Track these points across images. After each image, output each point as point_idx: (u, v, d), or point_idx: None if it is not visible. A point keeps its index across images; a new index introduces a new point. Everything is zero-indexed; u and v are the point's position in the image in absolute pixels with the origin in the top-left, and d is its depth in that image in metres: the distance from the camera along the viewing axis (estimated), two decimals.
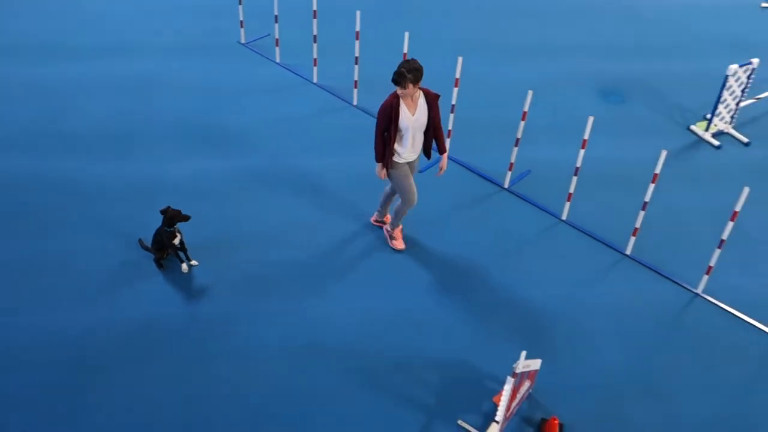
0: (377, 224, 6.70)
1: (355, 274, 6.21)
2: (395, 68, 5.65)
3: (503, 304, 6.01)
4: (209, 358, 5.45)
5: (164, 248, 6.10)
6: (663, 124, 8.40)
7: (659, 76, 9.29)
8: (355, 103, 8.35)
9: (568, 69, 9.29)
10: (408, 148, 5.87)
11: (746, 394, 5.41)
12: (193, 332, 5.63)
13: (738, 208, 5.70)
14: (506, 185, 7.24)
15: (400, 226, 6.45)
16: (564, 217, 6.90)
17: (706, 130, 8.13)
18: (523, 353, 4.45)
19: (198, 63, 8.98)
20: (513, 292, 6.12)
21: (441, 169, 6.06)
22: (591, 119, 6.26)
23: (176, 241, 6.01)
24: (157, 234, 6.07)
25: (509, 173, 7.19)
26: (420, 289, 6.10)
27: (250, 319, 5.77)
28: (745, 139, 8.12)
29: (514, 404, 4.94)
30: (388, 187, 6.41)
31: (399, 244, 6.44)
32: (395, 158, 5.90)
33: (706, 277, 6.16)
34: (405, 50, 7.37)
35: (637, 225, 6.42)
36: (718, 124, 8.18)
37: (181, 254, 6.19)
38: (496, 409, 5.12)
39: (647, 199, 6.25)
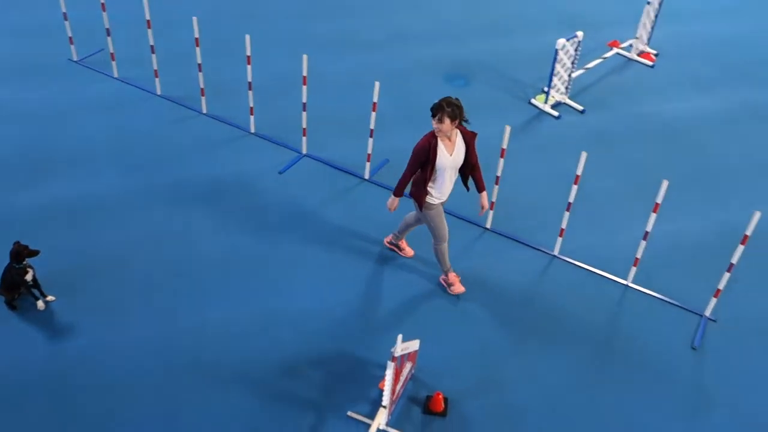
0: (390, 246, 6.57)
1: (223, 281, 6.17)
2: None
3: (379, 292, 6.19)
4: (77, 395, 5.23)
5: (15, 287, 5.76)
6: (506, 100, 8.92)
7: (498, 55, 9.84)
8: (204, 111, 8.23)
9: (414, 57, 9.63)
10: (443, 189, 5.75)
11: (608, 339, 5.92)
12: (57, 372, 5.38)
13: (579, 172, 6.20)
14: (367, 176, 7.44)
15: (452, 272, 6.20)
16: None
17: (545, 102, 8.73)
18: (400, 336, 4.63)
19: (30, 87, 8.48)
20: (385, 278, 6.32)
21: (483, 208, 5.96)
22: None
23: (28, 277, 5.70)
24: (6, 273, 5.72)
25: (368, 164, 7.40)
26: (293, 289, 6.16)
27: (120, 347, 5.58)
28: (580, 107, 8.80)
29: (398, 387, 5.12)
30: (411, 217, 6.22)
31: (458, 287, 6.20)
32: (429, 199, 5.76)
33: (560, 240, 6.66)
34: (248, 53, 7.37)
35: (493, 199, 6.82)
36: (555, 96, 8.81)
37: (35, 291, 5.87)
38: (382, 395, 5.29)
39: (499, 173, 6.65)
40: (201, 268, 6.27)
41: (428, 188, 5.68)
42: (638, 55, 9.93)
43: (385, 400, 4.87)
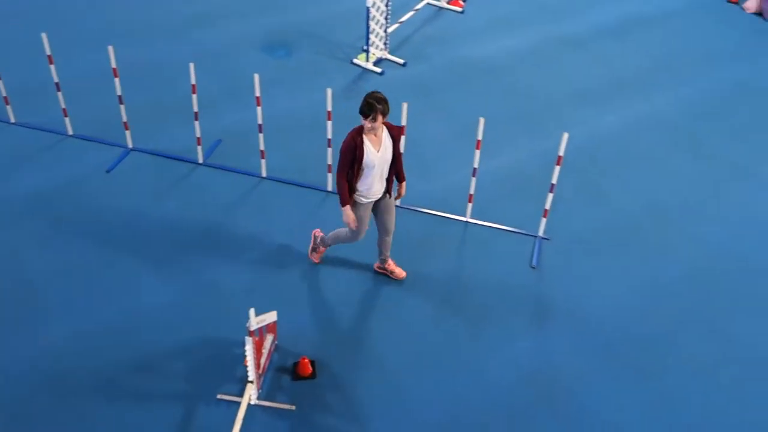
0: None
1: (65, 295, 5.92)
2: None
3: (226, 273, 6.20)
4: None
5: None
6: (330, 64, 9.05)
7: (315, 21, 9.91)
8: (12, 120, 7.73)
9: (229, 34, 9.49)
10: (372, 188, 5.52)
11: (456, 274, 6.30)
12: None
13: (404, 122, 6.47)
14: (201, 160, 7.34)
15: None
16: (264, 175, 7.22)
17: (367, 60, 8.95)
18: (252, 311, 4.70)
19: None
20: (234, 257, 6.33)
21: (400, 195, 5.83)
22: (257, 77, 6.58)
23: None
24: None
25: (199, 148, 7.29)
26: (140, 286, 6.03)
27: None
28: (401, 61, 9.10)
29: (263, 360, 5.20)
30: (344, 231, 5.94)
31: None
32: (356, 197, 5.56)
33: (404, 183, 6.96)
34: (48, 52, 6.98)
35: (329, 161, 6.97)
36: (375, 53, 9.05)
37: None
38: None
39: (330, 136, 6.80)
40: (39, 286, 5.98)
41: (356, 187, 5.50)
42: (448, 3, 10.38)
43: (251, 375, 4.94)
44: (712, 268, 6.53)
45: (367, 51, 8.88)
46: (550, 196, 6.44)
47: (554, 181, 6.32)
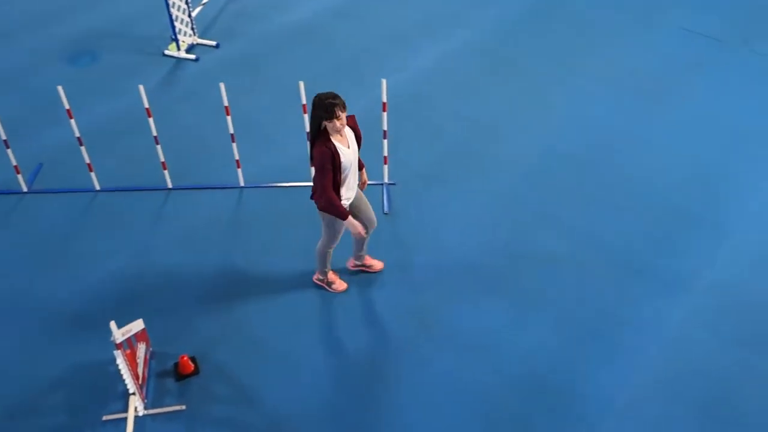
0: (319, 283, 6.11)
1: None
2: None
3: (78, 293, 6.01)
4: None
5: None
6: (141, 60, 8.79)
7: (113, 20, 9.55)
8: None
9: (25, 51, 8.96)
10: (351, 187, 5.41)
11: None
12: None
13: (226, 103, 6.46)
14: (25, 189, 6.98)
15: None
16: (98, 187, 6.99)
17: (178, 49, 8.78)
18: (112, 323, 4.63)
19: None
20: (83, 277, 6.15)
21: (364, 184, 5.73)
22: (61, 89, 6.31)
23: None
24: None
25: (20, 176, 6.93)
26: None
27: None
28: (213, 43, 9.00)
29: (140, 370, 5.15)
30: (320, 243, 5.79)
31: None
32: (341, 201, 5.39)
33: (240, 171, 6.96)
34: None
35: (162, 159, 6.85)
36: (185, 40, 8.88)
37: None
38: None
39: (155, 133, 6.67)
40: None
41: (341, 193, 5.33)
42: None
43: (131, 387, 4.89)
44: (545, 168, 7.10)
45: (176, 40, 8.70)
46: (385, 142, 6.70)
47: (385, 127, 6.58)
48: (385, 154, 6.76)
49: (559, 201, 6.76)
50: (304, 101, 6.42)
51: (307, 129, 6.65)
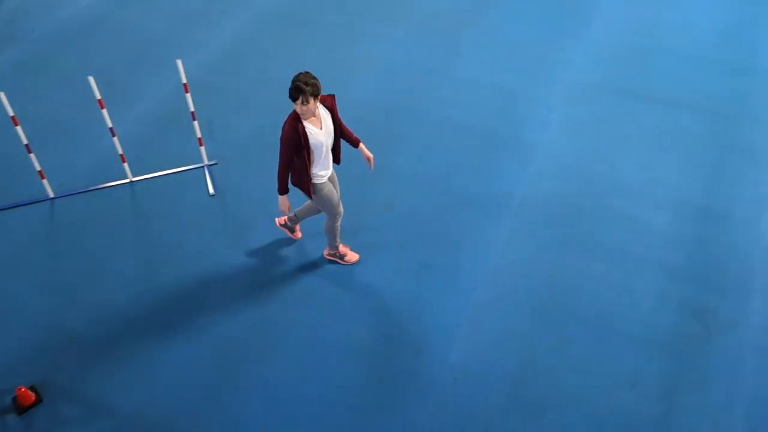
0: (331, 258, 6.16)
1: None
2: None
3: None
4: None
5: None
6: None
7: None
8: None
9: None
10: (326, 164, 5.45)
11: (145, 234, 6.30)
12: None
13: (11, 113, 6.05)
14: None
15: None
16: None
17: None
18: None
19: None
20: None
21: (370, 159, 5.67)
22: None
23: None
24: None
25: None
26: None
27: None
28: None
29: None
30: (326, 221, 5.85)
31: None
32: (316, 181, 5.47)
33: (45, 182, 6.57)
34: None
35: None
36: None
37: None
38: None
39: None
40: None
41: (312, 173, 5.42)
42: None
43: None
44: (365, 120, 7.31)
45: None
46: (196, 124, 6.58)
47: (192, 108, 6.46)
48: (199, 135, 6.64)
49: (385, 150, 7.00)
50: (98, 96, 6.15)
51: (109, 124, 6.42)
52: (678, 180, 6.65)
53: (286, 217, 6.20)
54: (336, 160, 5.64)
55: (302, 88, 4.96)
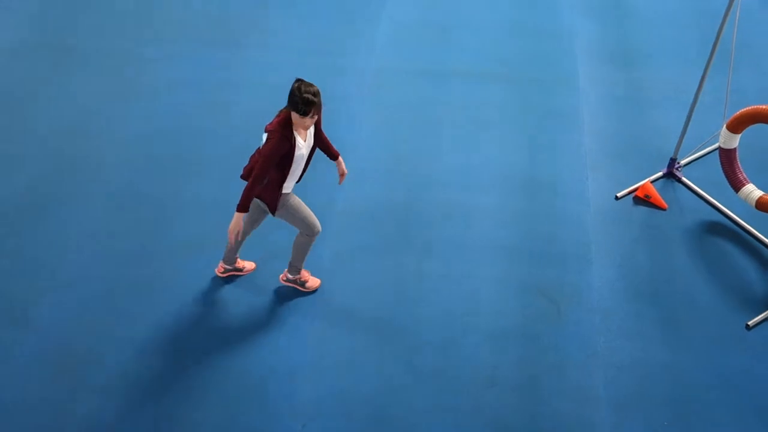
0: (290, 283, 5.72)
1: None
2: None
3: None
4: None
5: None
6: None
7: None
8: None
9: None
10: (295, 178, 5.12)
11: None
12: None
13: None
14: None
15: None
16: None
17: None
18: None
19: None
20: None
21: (343, 175, 5.40)
22: None
23: None
24: None
25: None
26: None
27: None
28: None
29: None
30: (299, 238, 5.39)
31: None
32: (284, 192, 5.10)
33: None
34: None
35: None
36: None
37: None
38: None
39: None
40: None
41: (283, 186, 5.04)
42: None
43: None
44: (150, 153, 6.71)
45: None
46: None
47: None
48: None
49: (192, 179, 6.46)
50: None
51: None
52: (499, 155, 6.66)
53: (225, 266, 5.70)
54: (332, 155, 5.40)
55: (313, 101, 4.67)
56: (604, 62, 7.52)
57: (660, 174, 6.38)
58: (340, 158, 5.37)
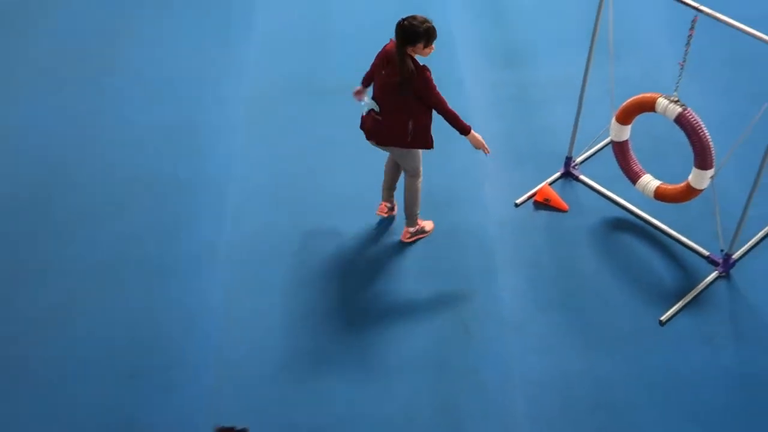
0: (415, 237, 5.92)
1: None
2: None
3: None
4: None
5: None
6: None
7: None
8: None
9: None
10: None
11: None
12: None
13: None
14: None
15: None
16: None
17: None
18: None
19: None
20: None
21: None
22: None
23: None
24: None
25: None
26: None
27: None
28: None
29: None
30: (409, 185, 5.63)
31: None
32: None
33: None
34: None
35: None
36: None
37: None
38: None
39: None
40: None
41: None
42: None
43: None
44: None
45: None
46: None
47: None
48: None
49: (53, 239, 5.93)
50: None
51: None
52: (378, 175, 6.41)
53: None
54: None
55: (431, 27, 4.93)
56: (489, 62, 7.38)
57: (557, 175, 6.29)
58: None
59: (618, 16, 5.74)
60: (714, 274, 5.60)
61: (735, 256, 5.61)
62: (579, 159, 6.34)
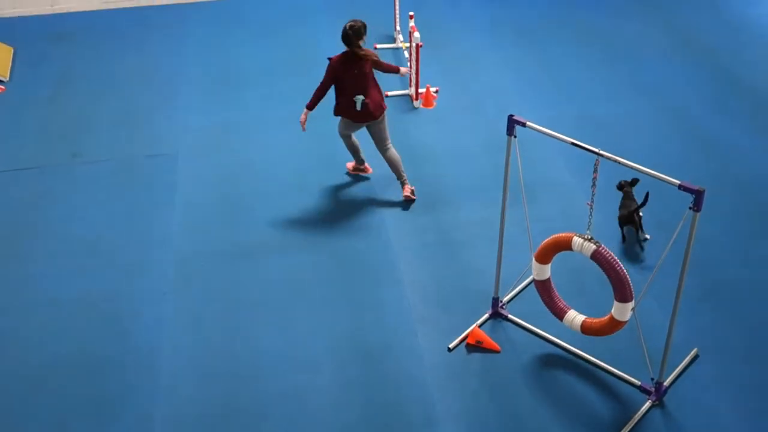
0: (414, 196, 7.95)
1: None
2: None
3: None
4: None
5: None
6: None
7: None
8: None
9: None
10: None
11: None
12: None
13: None
14: None
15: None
16: None
17: None
18: None
19: None
20: None
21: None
22: None
23: None
24: None
25: None
26: None
27: None
28: None
29: None
30: (388, 152, 7.87)
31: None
32: None
33: None
34: None
35: None
36: None
37: None
38: None
39: None
40: None
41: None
42: None
43: None
44: None
45: None
46: None
47: None
48: None
49: None
50: None
51: None
52: (322, 326, 6.52)
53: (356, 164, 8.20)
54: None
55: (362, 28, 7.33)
56: (410, 209, 7.77)
57: (486, 316, 6.54)
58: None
59: (529, 159, 6.17)
60: (648, 404, 5.82)
61: (666, 383, 5.87)
62: (506, 298, 6.63)
